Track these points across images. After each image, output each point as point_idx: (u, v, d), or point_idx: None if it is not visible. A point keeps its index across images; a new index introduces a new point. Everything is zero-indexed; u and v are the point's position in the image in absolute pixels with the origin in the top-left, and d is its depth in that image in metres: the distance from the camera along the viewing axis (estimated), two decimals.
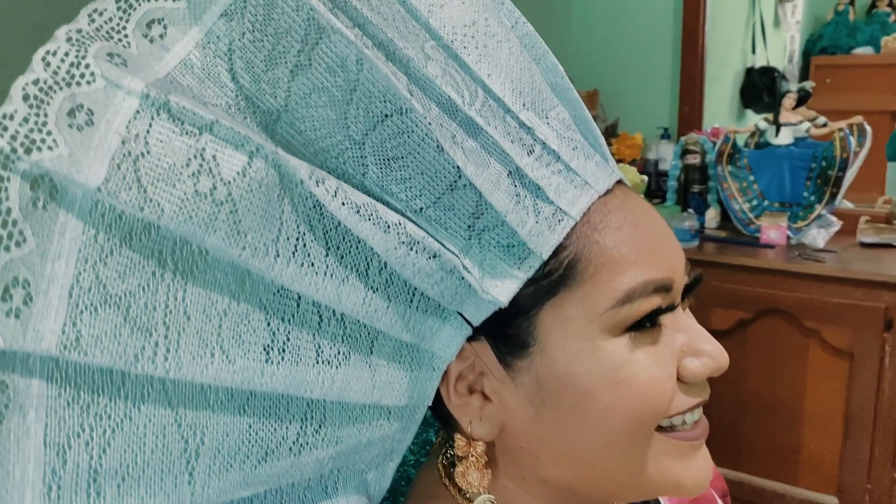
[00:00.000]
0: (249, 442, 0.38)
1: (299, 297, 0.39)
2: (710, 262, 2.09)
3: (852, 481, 1.95)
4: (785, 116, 2.25)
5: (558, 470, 0.47)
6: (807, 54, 4.38)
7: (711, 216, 2.34)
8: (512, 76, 0.44)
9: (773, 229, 2.13)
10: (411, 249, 0.41)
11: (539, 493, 0.49)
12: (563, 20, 2.78)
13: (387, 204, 0.41)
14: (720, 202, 2.35)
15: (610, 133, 2.64)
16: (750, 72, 3.75)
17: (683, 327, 0.47)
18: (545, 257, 0.44)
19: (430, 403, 0.47)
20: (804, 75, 4.12)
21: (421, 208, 0.42)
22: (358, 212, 0.39)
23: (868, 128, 2.19)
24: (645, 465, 0.46)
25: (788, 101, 2.23)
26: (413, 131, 0.40)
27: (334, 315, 0.41)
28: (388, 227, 0.40)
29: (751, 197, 2.29)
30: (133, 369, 0.33)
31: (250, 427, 0.38)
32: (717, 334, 1.90)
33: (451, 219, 0.43)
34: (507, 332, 0.45)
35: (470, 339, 0.46)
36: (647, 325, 0.45)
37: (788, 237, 2.16)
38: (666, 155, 2.48)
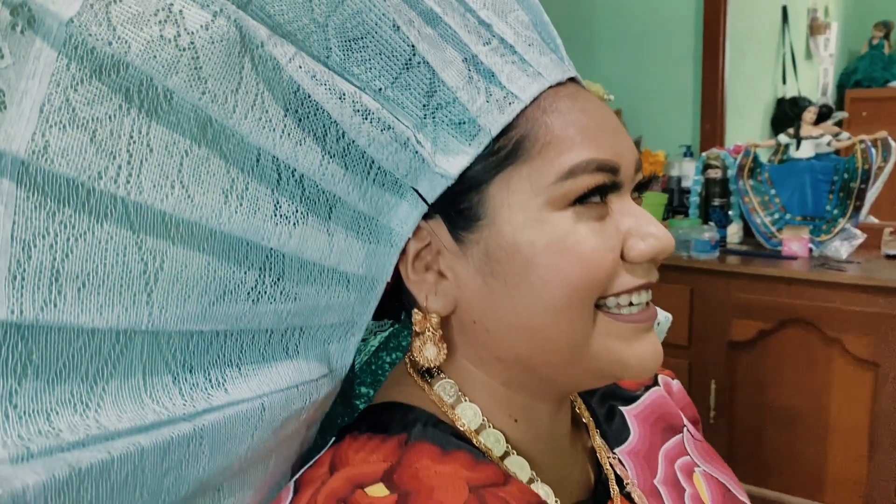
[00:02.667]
0: (207, 278, 0.41)
1: (259, 152, 0.43)
2: (730, 273, 2.08)
3: (879, 497, 1.90)
4: (806, 130, 2.25)
5: (509, 341, 0.49)
6: (841, 87, 4.37)
7: (734, 231, 2.34)
8: None
9: (796, 241, 2.12)
10: (365, 119, 0.45)
11: (495, 374, 0.52)
12: (586, 42, 2.83)
13: (350, 84, 0.45)
14: (742, 217, 2.35)
15: None
16: (780, 102, 3.77)
17: (631, 212, 0.49)
18: (494, 134, 0.47)
19: (389, 279, 0.50)
20: (839, 108, 4.11)
21: (380, 88, 0.46)
22: (313, 77, 0.43)
23: (893, 143, 2.18)
24: (589, 341, 0.48)
25: (809, 114, 2.24)
26: (371, 10, 0.44)
27: (293, 175, 0.44)
28: (343, 95, 0.44)
29: (773, 210, 2.29)
30: (97, 185, 0.37)
31: (209, 265, 0.41)
32: (738, 345, 1.89)
33: (407, 98, 0.47)
34: (459, 207, 0.48)
35: (426, 218, 0.49)
36: (590, 200, 0.47)
37: (811, 249, 2.15)
38: (688, 172, 2.49)
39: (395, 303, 0.57)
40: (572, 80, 0.51)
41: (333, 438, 0.51)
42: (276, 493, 0.49)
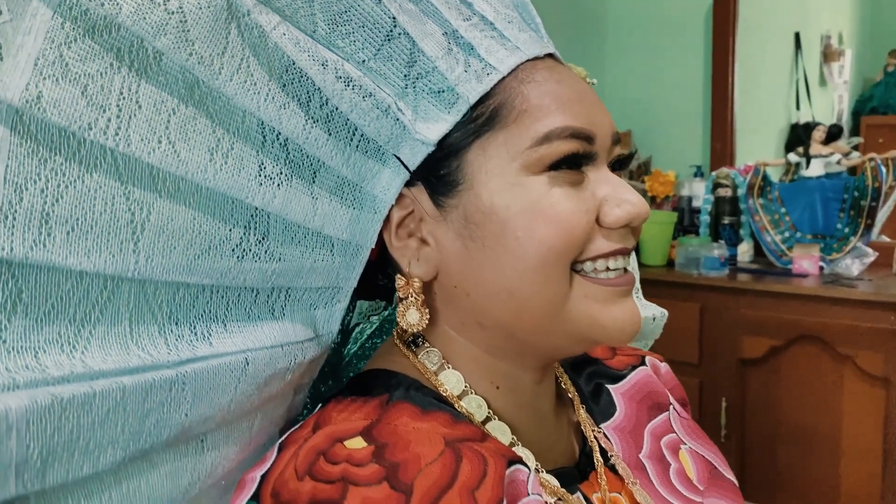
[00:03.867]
0: (193, 232, 0.43)
1: (244, 114, 0.45)
2: (740, 290, 2.08)
3: None
4: (816, 149, 2.26)
5: (488, 305, 0.50)
6: (857, 114, 4.37)
7: (744, 249, 2.34)
8: None
9: (806, 259, 2.11)
10: (347, 86, 0.47)
11: (477, 340, 0.53)
12: (596, 64, 2.86)
13: (333, 54, 0.47)
14: (753, 236, 2.35)
15: (643, 171, 2.68)
16: (794, 127, 3.78)
17: (607, 181, 0.51)
18: (472, 102, 0.49)
19: (373, 246, 0.52)
20: (855, 134, 4.11)
21: (363, 60, 0.48)
22: (297, 44, 0.46)
23: None
24: (567, 303, 0.49)
25: (818, 133, 2.25)
26: None
27: (278, 138, 0.46)
28: (326, 62, 0.47)
29: (783, 229, 2.29)
30: (87, 135, 0.39)
31: (195, 219, 0.43)
32: (749, 363, 1.88)
33: (389, 68, 0.49)
34: (439, 173, 0.50)
35: (408, 185, 0.51)
36: (565, 166, 0.49)
37: (821, 267, 2.14)
38: (699, 192, 2.50)
39: (383, 277, 0.58)
40: (551, 56, 0.53)
41: (320, 405, 0.53)
42: (262, 454, 0.50)
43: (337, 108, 0.47)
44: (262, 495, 0.45)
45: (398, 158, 0.50)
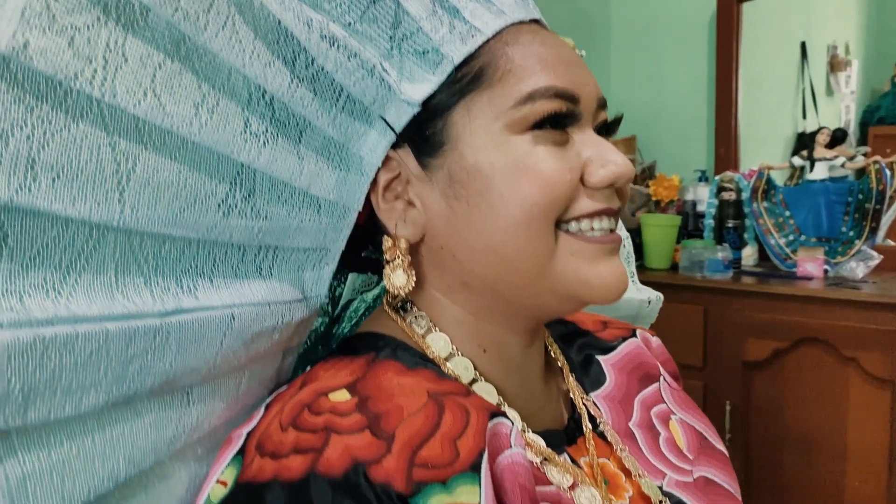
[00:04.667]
0: (178, 184, 0.44)
1: (230, 71, 0.45)
2: (744, 292, 2.07)
3: None
4: (819, 152, 2.26)
5: (474, 265, 0.51)
6: (864, 124, 4.37)
7: (749, 253, 2.33)
8: None
9: (810, 261, 2.11)
10: (332, 46, 0.48)
11: (464, 302, 0.53)
12: (601, 70, 2.87)
13: (319, 15, 0.48)
14: (757, 239, 2.34)
15: (647, 175, 2.68)
16: (801, 137, 3.78)
17: (592, 142, 0.51)
18: (457, 62, 0.49)
19: (360, 208, 0.52)
20: (862, 145, 4.10)
21: (350, 23, 0.49)
22: (282, 4, 0.46)
23: None
24: (553, 260, 0.49)
25: (822, 136, 2.25)
26: None
27: (263, 97, 0.47)
28: (311, 21, 0.47)
29: (787, 232, 2.28)
30: (73, 85, 0.40)
31: (180, 172, 0.44)
32: (753, 365, 1.87)
33: (374, 30, 0.50)
34: (424, 133, 0.50)
35: (395, 147, 0.51)
36: (549, 126, 0.49)
37: (826, 271, 2.13)
38: (703, 196, 2.50)
39: (372, 247, 0.59)
40: (536, 22, 0.54)
41: (309, 367, 0.53)
42: (251, 415, 0.51)
43: (323, 68, 0.48)
44: (247, 449, 0.46)
45: (384, 120, 0.51)
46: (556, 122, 0.49)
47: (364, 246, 0.59)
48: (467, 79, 0.49)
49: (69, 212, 0.40)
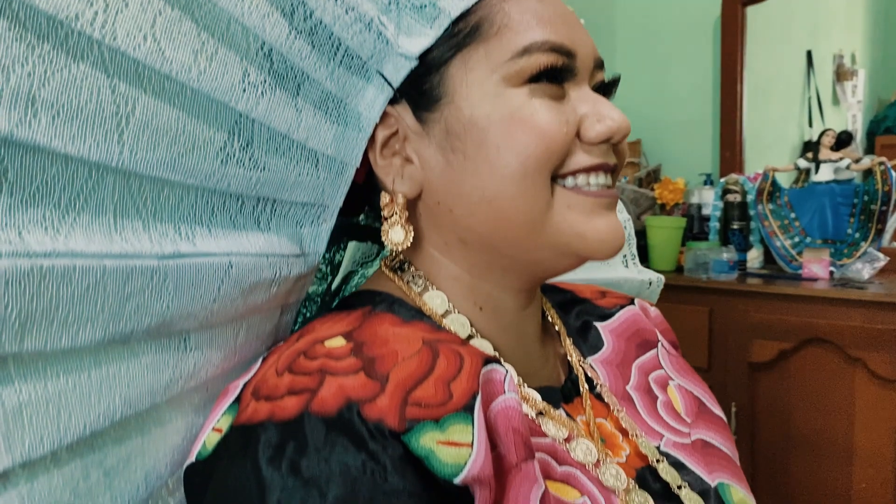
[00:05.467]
0: (177, 130, 0.44)
1: (229, 21, 0.46)
2: (749, 293, 2.06)
3: None
4: (825, 154, 2.26)
5: (471, 219, 0.51)
6: (871, 134, 4.37)
7: (754, 256, 2.33)
8: None
9: (816, 263, 2.10)
10: None
11: (461, 260, 0.53)
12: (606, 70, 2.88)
13: None
14: (763, 242, 2.34)
15: (652, 178, 2.68)
16: (808, 145, 3.78)
17: (589, 98, 0.51)
18: (453, 16, 0.50)
19: (358, 164, 0.53)
20: (869, 154, 4.10)
21: None
22: None
23: None
24: (549, 213, 0.50)
25: (827, 138, 2.25)
26: None
27: (262, 48, 0.47)
28: None
29: (792, 234, 2.28)
30: (74, 26, 0.40)
31: (179, 118, 0.44)
32: (759, 366, 1.86)
33: None
34: (421, 88, 0.51)
35: (393, 104, 0.52)
36: (545, 79, 0.49)
37: (832, 272, 2.13)
38: (708, 199, 2.50)
39: (369, 208, 0.59)
40: None
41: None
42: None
43: (321, 21, 0.49)
44: (243, 397, 0.46)
45: (381, 75, 0.51)
46: (553, 77, 0.50)
47: (362, 207, 0.59)
48: (464, 33, 0.50)
49: (68, 149, 0.40)
